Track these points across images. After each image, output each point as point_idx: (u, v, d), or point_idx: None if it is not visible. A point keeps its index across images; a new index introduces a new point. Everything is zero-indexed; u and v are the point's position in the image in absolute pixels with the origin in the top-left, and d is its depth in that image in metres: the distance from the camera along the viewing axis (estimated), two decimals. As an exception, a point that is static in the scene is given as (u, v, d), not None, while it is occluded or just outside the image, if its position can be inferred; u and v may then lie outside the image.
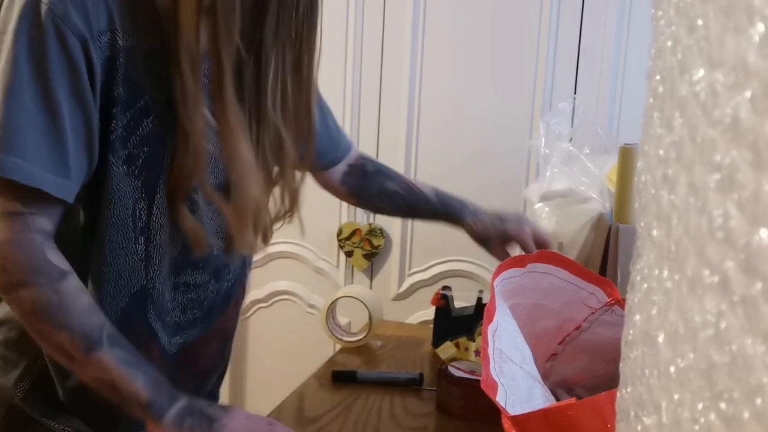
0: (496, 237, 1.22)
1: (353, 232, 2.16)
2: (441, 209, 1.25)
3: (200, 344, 0.97)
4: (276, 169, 0.92)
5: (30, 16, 0.71)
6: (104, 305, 0.81)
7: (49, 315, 0.73)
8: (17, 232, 0.72)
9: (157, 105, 0.80)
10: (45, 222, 0.74)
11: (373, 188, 1.26)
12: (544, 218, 1.24)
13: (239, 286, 1.01)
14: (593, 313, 0.91)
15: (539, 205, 1.27)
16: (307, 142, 0.94)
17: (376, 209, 1.34)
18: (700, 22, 0.25)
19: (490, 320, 0.71)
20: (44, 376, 0.85)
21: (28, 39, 0.71)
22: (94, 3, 0.73)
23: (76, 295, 0.75)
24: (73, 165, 0.74)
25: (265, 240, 0.95)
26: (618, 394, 0.34)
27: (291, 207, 0.96)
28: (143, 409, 0.75)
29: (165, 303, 0.89)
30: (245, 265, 1.01)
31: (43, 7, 0.70)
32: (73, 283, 0.75)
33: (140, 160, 0.80)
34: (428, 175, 2.11)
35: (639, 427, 0.30)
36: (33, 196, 0.72)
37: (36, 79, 0.71)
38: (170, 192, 0.83)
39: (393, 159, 2.13)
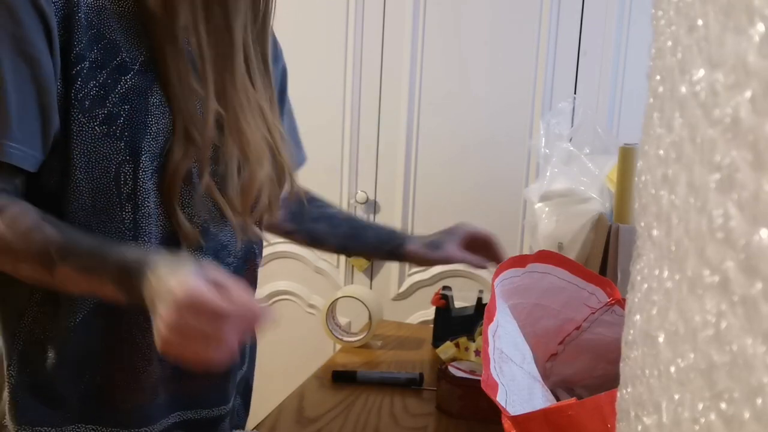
0: (448, 241, 1.19)
1: (353, 232, 2.16)
2: (385, 232, 1.19)
3: None
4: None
5: None
6: None
7: (3, 253, 0.73)
8: None
9: (135, 63, 0.78)
10: None
11: (312, 212, 1.16)
12: (544, 218, 1.24)
13: (247, 273, 0.94)
14: (593, 313, 0.91)
15: (539, 205, 1.27)
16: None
17: (312, 237, 1.17)
18: (700, 22, 0.25)
19: (491, 320, 0.71)
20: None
21: None
22: None
23: (17, 220, 0.72)
24: (17, 126, 0.71)
25: (271, 215, 0.92)
26: (618, 394, 0.34)
27: (291, 186, 0.94)
28: (122, 297, 0.72)
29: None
30: (250, 253, 0.95)
31: None
32: (13, 210, 0.72)
33: (121, 119, 0.77)
34: (428, 175, 2.12)
35: (639, 427, 0.30)
36: None
37: None
38: (166, 184, 0.80)
39: (392, 159, 2.13)
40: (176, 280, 0.66)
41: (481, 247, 1.20)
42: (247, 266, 0.94)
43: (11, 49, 0.70)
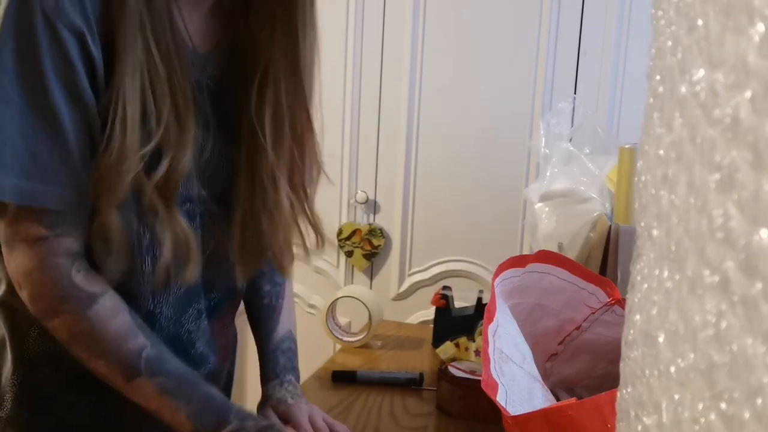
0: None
1: (353, 232, 2.16)
2: (272, 349, 0.99)
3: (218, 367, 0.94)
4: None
5: (21, 12, 0.63)
6: None
7: (84, 343, 0.71)
8: (43, 259, 0.68)
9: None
10: (70, 241, 0.69)
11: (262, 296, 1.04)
12: (544, 218, 1.24)
13: (229, 304, 0.95)
14: (593, 313, 0.91)
15: (539, 205, 1.27)
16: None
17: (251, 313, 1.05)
18: (700, 22, 0.25)
19: (491, 320, 0.71)
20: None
21: (18, 39, 0.63)
22: None
23: (109, 319, 0.70)
24: (83, 172, 0.68)
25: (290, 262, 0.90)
26: (618, 394, 0.34)
27: (316, 234, 0.91)
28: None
29: (179, 336, 0.83)
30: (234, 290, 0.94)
31: (35, 3, 0.63)
32: (105, 305, 0.71)
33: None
34: (428, 174, 2.12)
35: (639, 427, 0.30)
36: (55, 216, 0.68)
37: (28, 84, 0.64)
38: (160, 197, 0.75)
39: (393, 159, 2.13)
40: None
41: None
42: (229, 297, 0.94)
43: (67, 96, 0.66)
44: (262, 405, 0.93)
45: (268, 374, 0.96)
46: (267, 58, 0.80)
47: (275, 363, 0.96)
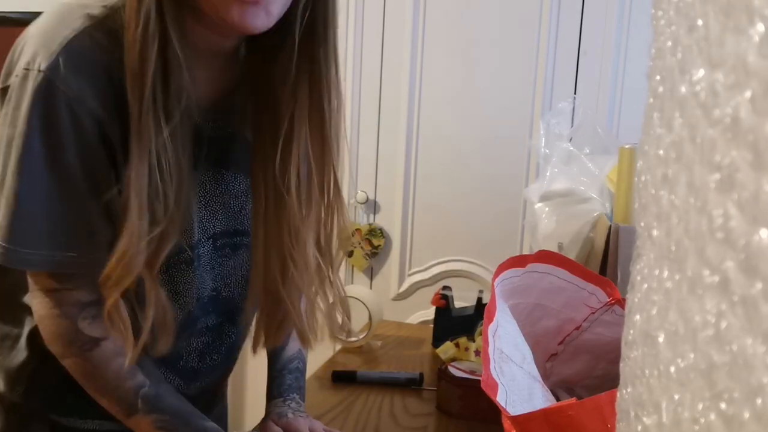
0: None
1: (353, 232, 2.16)
2: (279, 368, 0.99)
3: (220, 382, 0.98)
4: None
5: (46, 98, 0.68)
6: None
7: (87, 381, 0.78)
8: (54, 307, 0.76)
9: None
10: (80, 294, 0.76)
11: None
12: (544, 218, 1.24)
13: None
14: (593, 313, 0.91)
15: (539, 205, 1.27)
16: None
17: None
18: (700, 22, 0.25)
19: (491, 320, 0.71)
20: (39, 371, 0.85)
21: (43, 122, 0.68)
22: (105, 80, 0.70)
23: (109, 360, 0.77)
24: (101, 239, 0.74)
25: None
26: (618, 394, 0.34)
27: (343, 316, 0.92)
28: None
29: (177, 348, 0.85)
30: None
31: (59, 90, 0.68)
32: (106, 348, 0.77)
33: None
34: (428, 175, 2.12)
35: (639, 427, 0.30)
36: (64, 275, 0.75)
37: (52, 163, 0.69)
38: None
39: (393, 160, 2.13)
40: None
41: None
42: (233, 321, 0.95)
43: (87, 175, 0.71)
44: (263, 420, 0.94)
45: (272, 392, 0.97)
46: (291, 116, 0.80)
47: (281, 382, 0.97)
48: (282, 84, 0.80)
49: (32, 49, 0.68)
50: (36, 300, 0.77)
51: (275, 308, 0.86)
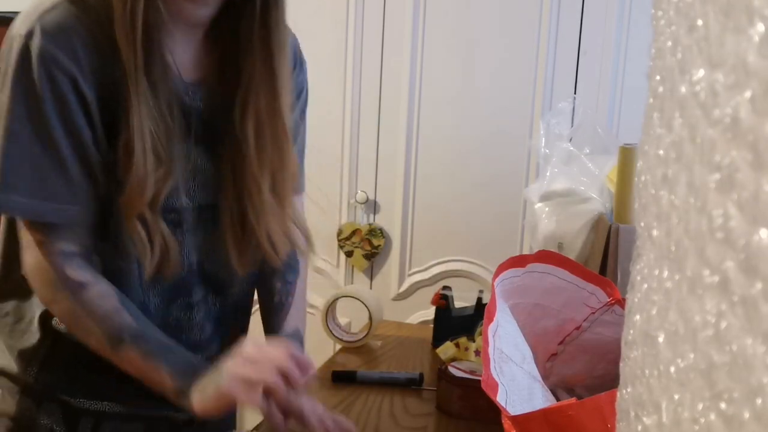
0: None
1: (353, 232, 2.16)
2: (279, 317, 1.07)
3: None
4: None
5: (23, 61, 0.78)
6: None
7: (76, 323, 0.84)
8: (42, 257, 0.83)
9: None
10: (66, 244, 0.83)
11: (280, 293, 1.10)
12: (544, 218, 1.24)
13: (251, 299, 1.03)
14: (593, 313, 0.91)
15: (539, 205, 1.27)
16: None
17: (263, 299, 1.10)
18: (700, 22, 0.25)
19: (491, 320, 0.71)
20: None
21: (22, 83, 0.78)
22: (79, 45, 0.79)
23: (97, 301, 0.83)
24: (80, 190, 0.82)
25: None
26: (618, 394, 0.34)
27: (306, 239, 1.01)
28: (172, 394, 0.82)
29: (167, 321, 0.92)
30: (255, 276, 1.02)
31: (34, 52, 0.77)
32: (94, 291, 0.83)
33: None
34: (428, 175, 2.12)
35: (639, 427, 0.30)
36: (52, 226, 0.82)
37: (31, 119, 0.78)
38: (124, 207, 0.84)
39: (393, 160, 2.13)
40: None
41: None
42: (251, 289, 1.04)
43: (66, 130, 0.80)
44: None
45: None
46: (248, 79, 0.89)
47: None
48: (245, 55, 0.89)
49: (17, 23, 0.79)
50: (26, 252, 0.84)
51: (244, 240, 0.94)
